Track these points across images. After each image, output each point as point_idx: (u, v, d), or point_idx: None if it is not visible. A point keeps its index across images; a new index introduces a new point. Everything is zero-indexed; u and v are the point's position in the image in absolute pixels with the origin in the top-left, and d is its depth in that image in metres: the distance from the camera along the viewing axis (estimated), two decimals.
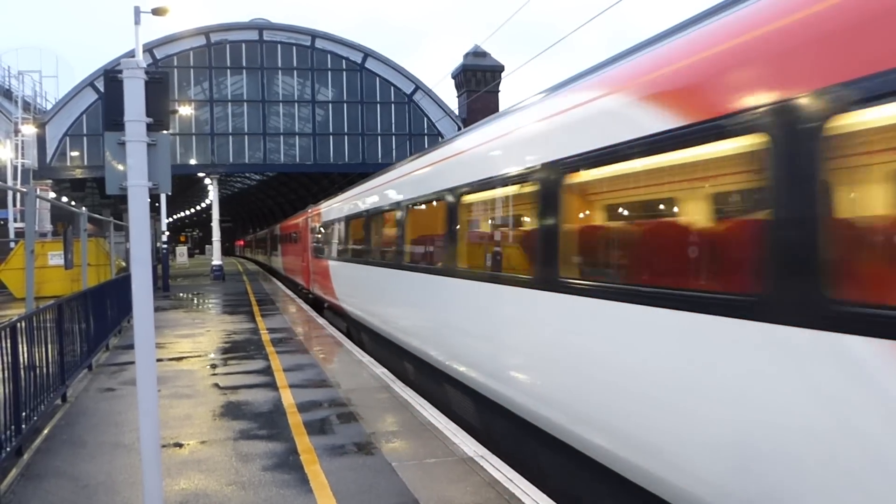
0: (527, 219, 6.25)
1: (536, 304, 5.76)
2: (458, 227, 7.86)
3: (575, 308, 5.14)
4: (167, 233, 31.56)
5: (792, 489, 3.27)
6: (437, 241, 8.75)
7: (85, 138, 37.76)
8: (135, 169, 4.45)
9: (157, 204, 31.94)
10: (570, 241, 5.43)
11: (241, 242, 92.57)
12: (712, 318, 3.78)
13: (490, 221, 7.33)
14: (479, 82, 43.15)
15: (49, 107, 39.50)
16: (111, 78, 4.39)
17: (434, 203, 8.91)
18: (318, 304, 21.45)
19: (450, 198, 8.03)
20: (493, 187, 6.87)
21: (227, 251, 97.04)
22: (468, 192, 7.55)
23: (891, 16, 2.91)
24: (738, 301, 3.62)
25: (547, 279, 5.53)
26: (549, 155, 5.57)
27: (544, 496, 5.35)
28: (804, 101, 3.24)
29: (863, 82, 2.96)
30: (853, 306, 3.02)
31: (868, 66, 2.94)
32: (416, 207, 9.89)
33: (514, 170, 6.30)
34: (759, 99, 3.50)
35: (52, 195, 36.83)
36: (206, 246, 74.40)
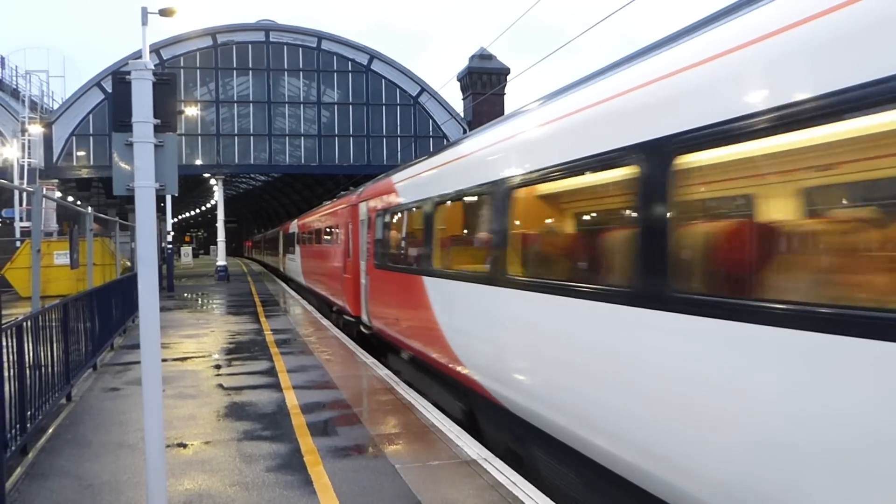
0: None
1: None
2: None
3: None
4: (172, 233, 31.65)
5: None
6: None
7: (91, 138, 37.91)
8: (142, 170, 4.48)
9: (162, 204, 32.08)
10: None
11: (250, 243, 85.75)
12: None
13: None
14: (485, 85, 43.16)
15: (56, 107, 39.67)
16: (119, 79, 4.42)
17: None
18: (367, 343, 13.55)
19: None
20: None
21: (234, 252, 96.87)
22: None
23: None
24: None
25: None
26: None
27: (546, 498, 5.35)
28: None
29: None
30: None
31: None
32: None
33: None
34: None
35: (58, 195, 36.97)
36: (211, 246, 74.53)
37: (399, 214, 11.17)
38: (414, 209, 10.14)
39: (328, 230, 19.93)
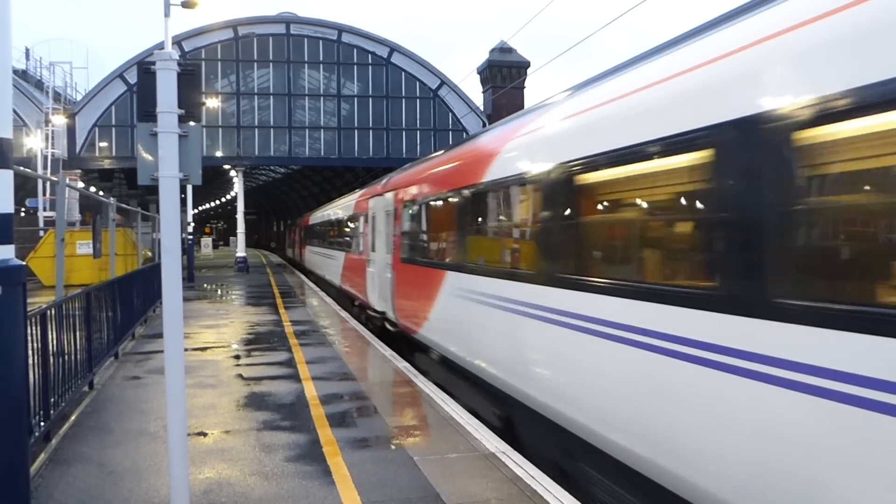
0: None
1: None
2: None
3: None
4: (193, 224, 31.87)
5: None
6: None
7: (113, 129, 38.20)
8: (166, 160, 4.50)
9: (183, 195, 32.23)
10: None
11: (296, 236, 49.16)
12: None
13: None
14: (505, 78, 42.95)
15: (79, 97, 40.00)
16: (144, 69, 4.44)
17: None
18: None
19: None
20: None
21: (255, 243, 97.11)
22: None
23: None
24: None
25: None
26: None
27: (566, 493, 5.33)
28: None
29: None
30: None
31: None
32: None
33: None
34: None
35: (81, 185, 37.34)
36: (231, 238, 74.90)
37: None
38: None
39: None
